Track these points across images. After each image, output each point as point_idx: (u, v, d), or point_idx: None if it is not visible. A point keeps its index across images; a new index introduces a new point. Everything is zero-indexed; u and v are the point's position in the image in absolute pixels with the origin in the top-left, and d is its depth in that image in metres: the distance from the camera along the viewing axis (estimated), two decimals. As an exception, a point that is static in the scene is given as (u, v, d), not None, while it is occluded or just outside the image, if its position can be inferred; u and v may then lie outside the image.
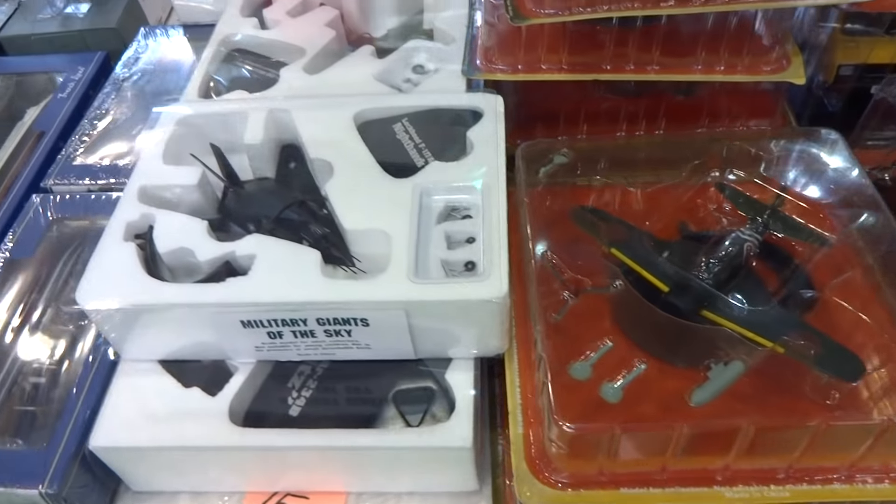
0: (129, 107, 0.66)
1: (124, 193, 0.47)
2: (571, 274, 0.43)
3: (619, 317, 0.42)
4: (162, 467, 0.44)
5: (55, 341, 0.51)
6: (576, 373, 0.38)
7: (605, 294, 0.43)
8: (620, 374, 0.38)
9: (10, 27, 0.76)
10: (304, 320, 0.41)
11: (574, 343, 0.40)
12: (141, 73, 0.69)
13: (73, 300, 0.52)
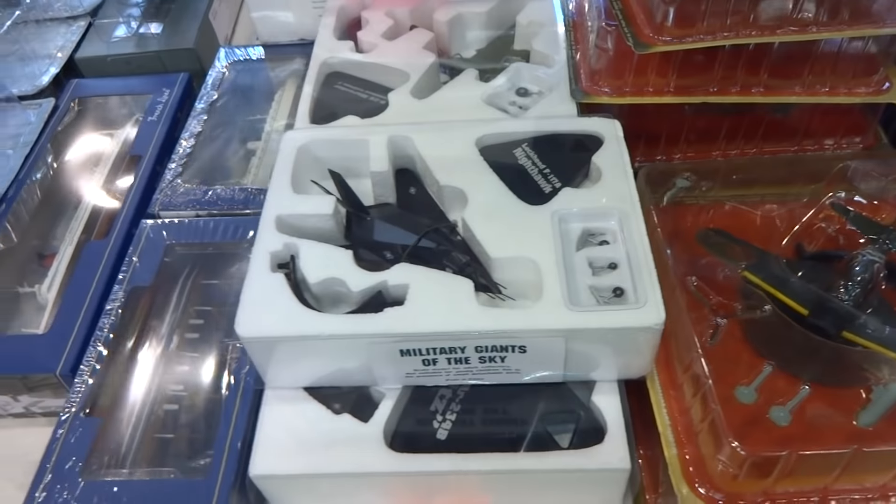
0: (221, 129, 0.67)
1: (262, 224, 0.47)
2: (718, 298, 0.44)
3: (757, 339, 0.44)
4: (313, 492, 0.45)
5: (185, 368, 0.52)
6: (742, 397, 0.40)
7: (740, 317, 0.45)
8: (785, 398, 0.40)
9: (85, 48, 0.76)
10: (463, 348, 0.42)
11: (730, 367, 0.41)
12: (226, 94, 0.70)
13: (195, 327, 0.54)
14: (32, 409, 0.53)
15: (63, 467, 0.44)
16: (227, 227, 0.57)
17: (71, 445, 0.45)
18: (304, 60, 0.72)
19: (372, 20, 0.64)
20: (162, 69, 0.75)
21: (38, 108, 0.69)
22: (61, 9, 0.80)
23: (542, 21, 0.63)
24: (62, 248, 0.59)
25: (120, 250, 0.56)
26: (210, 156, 0.66)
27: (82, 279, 0.54)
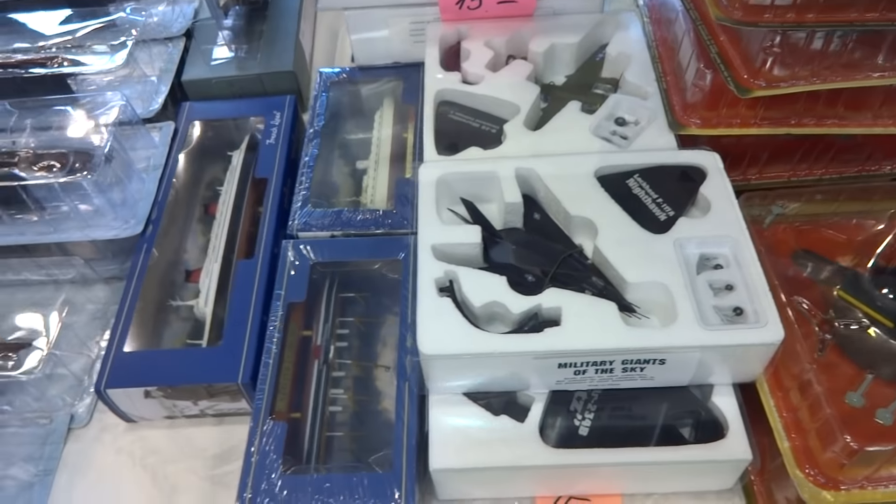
0: (331, 149, 0.74)
1: (420, 252, 0.54)
2: (820, 314, 0.52)
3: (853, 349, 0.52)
4: (478, 481, 0.53)
5: (341, 374, 0.60)
6: (852, 401, 0.48)
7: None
8: (887, 401, 0.48)
9: (189, 71, 0.81)
10: (611, 362, 0.49)
11: (831, 374, 0.50)
12: (330, 115, 0.76)
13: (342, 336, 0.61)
14: (206, 412, 0.60)
15: (264, 464, 0.51)
16: (361, 247, 0.63)
17: (267, 446, 0.52)
18: (398, 82, 0.79)
19: (473, 51, 0.71)
20: (261, 90, 0.81)
21: (159, 131, 0.75)
22: (157, 30, 0.84)
23: (631, 53, 0.69)
24: (207, 266, 0.66)
25: (268, 268, 0.63)
26: (327, 176, 0.73)
27: (240, 296, 0.61)
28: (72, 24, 0.82)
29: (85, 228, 0.67)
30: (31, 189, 0.64)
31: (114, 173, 0.66)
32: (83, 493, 0.58)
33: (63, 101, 0.72)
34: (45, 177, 0.64)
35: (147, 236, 0.66)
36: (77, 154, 0.65)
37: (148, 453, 0.60)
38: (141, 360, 0.59)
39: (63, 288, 0.70)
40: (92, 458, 0.60)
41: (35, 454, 0.59)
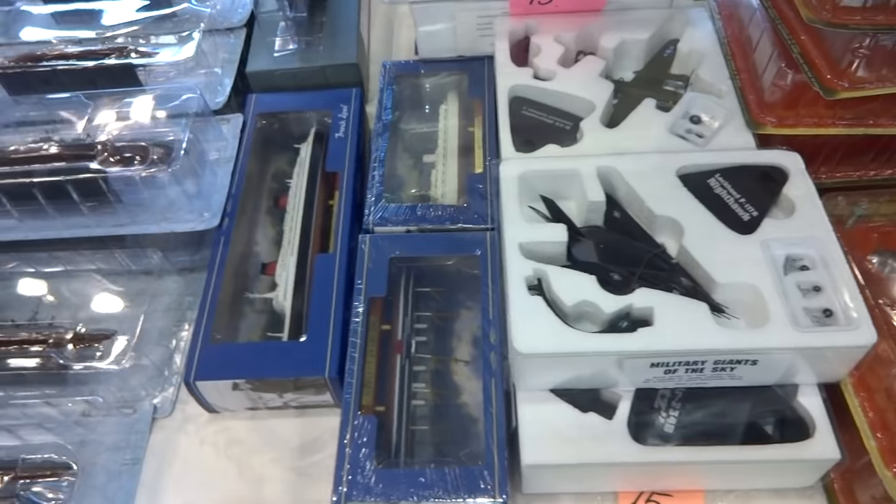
0: (398, 143, 0.74)
1: (508, 251, 0.55)
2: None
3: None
4: (568, 477, 0.54)
5: (422, 368, 0.61)
6: (944, 403, 0.49)
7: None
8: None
9: (253, 62, 0.81)
10: (703, 362, 0.50)
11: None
12: (396, 108, 0.76)
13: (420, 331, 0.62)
14: (289, 404, 0.61)
15: (357, 458, 0.52)
16: (437, 242, 0.64)
17: (358, 440, 0.53)
18: (462, 75, 0.79)
19: (544, 46, 0.71)
20: (323, 82, 0.81)
21: (228, 123, 0.75)
22: (219, 20, 0.85)
23: (703, 49, 0.69)
24: (283, 259, 0.67)
25: (347, 262, 0.64)
26: (393, 169, 0.73)
27: (321, 290, 0.62)
28: (138, 13, 0.82)
29: (161, 221, 0.67)
30: (111, 181, 0.65)
31: (190, 166, 0.67)
32: (171, 482, 0.59)
33: (137, 92, 0.73)
34: (126, 169, 0.65)
35: (224, 229, 0.67)
36: (156, 147, 0.66)
37: (232, 444, 0.61)
38: (227, 352, 0.60)
39: (138, 278, 0.71)
40: (177, 448, 0.61)
41: (121, 443, 0.61)
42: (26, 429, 0.62)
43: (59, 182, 0.64)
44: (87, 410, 0.63)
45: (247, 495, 0.58)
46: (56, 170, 0.64)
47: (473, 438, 0.58)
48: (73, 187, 0.65)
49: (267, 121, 0.77)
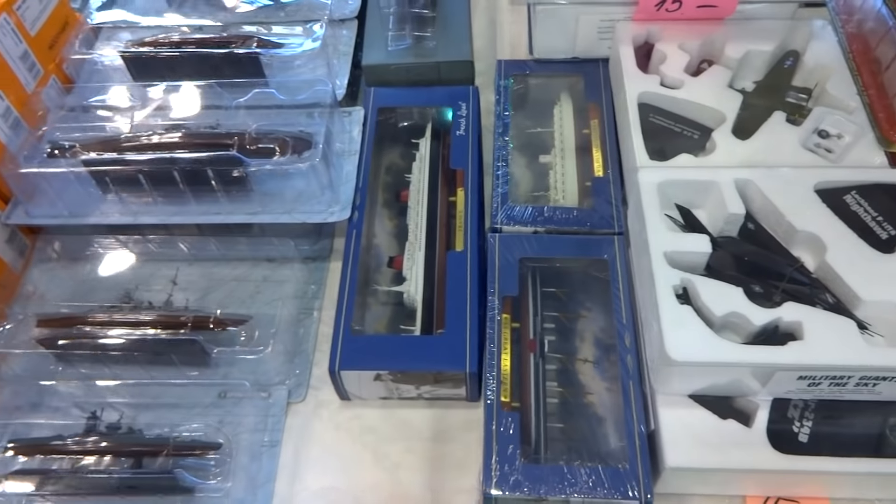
0: (516, 142, 0.75)
1: (654, 259, 0.57)
2: None
3: None
4: (704, 480, 0.56)
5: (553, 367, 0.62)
6: None
7: None
8: None
9: (369, 55, 0.82)
10: (849, 377, 0.52)
11: None
12: (513, 108, 0.77)
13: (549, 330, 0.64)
14: (423, 395, 0.63)
15: (504, 453, 0.54)
16: (565, 244, 0.66)
17: (504, 434, 0.55)
18: (576, 77, 0.80)
19: (670, 54, 0.72)
20: (436, 78, 0.82)
21: (349, 115, 0.77)
22: (332, 12, 0.86)
23: (830, 64, 0.70)
24: (410, 254, 0.69)
25: (478, 260, 0.65)
26: (516, 169, 0.74)
27: (454, 286, 0.64)
28: (260, 2, 0.84)
29: (292, 211, 0.69)
30: (250, 170, 0.67)
31: (323, 158, 0.69)
32: (309, 465, 0.62)
33: (263, 83, 0.75)
34: (268, 160, 0.67)
35: (355, 222, 0.69)
36: (295, 139, 0.68)
37: (365, 431, 0.63)
38: (368, 344, 0.62)
39: (260, 265, 0.73)
40: (312, 433, 0.63)
41: (259, 425, 0.63)
42: (164, 409, 0.64)
43: (201, 168, 0.66)
44: (224, 392, 0.65)
45: (383, 482, 0.60)
46: (199, 157, 0.66)
47: (602, 438, 0.60)
48: (215, 174, 0.67)
49: (384, 115, 0.79)
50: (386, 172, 0.79)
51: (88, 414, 0.63)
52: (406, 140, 0.80)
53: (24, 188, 0.70)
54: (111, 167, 0.67)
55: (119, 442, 0.60)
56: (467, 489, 0.60)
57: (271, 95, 0.73)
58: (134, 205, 0.70)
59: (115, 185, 0.68)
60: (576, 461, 0.56)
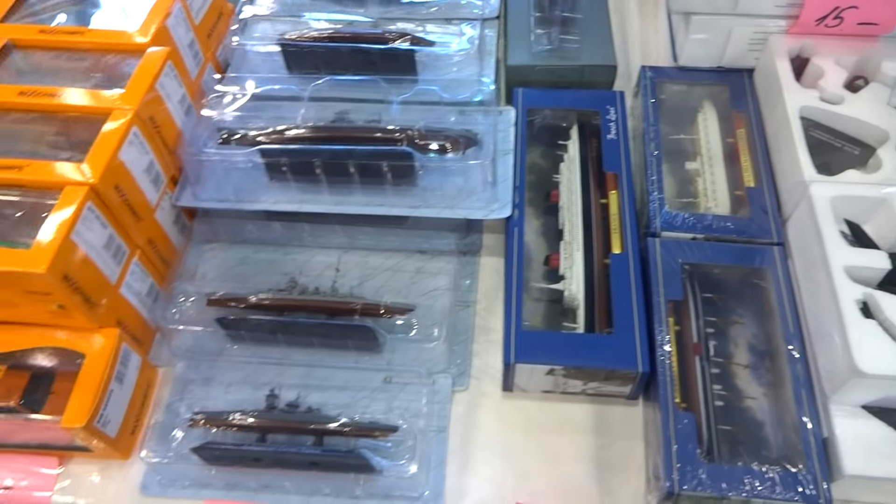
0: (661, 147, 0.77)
1: (835, 273, 0.59)
2: None
3: None
4: (869, 488, 0.58)
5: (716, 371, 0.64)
6: None
7: None
8: None
9: (514, 56, 0.84)
10: None
11: None
12: (660, 116, 0.79)
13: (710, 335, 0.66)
14: (587, 391, 0.66)
15: (684, 452, 0.57)
16: (723, 252, 0.67)
17: (682, 433, 0.57)
18: (720, 86, 0.81)
19: (827, 70, 0.73)
20: (578, 81, 0.84)
21: (499, 115, 0.79)
22: (468, 13, 0.88)
23: None
24: (567, 253, 0.71)
25: (639, 263, 0.67)
26: (665, 174, 0.76)
27: (620, 287, 0.66)
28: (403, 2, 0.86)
29: (454, 207, 0.72)
30: (418, 165, 0.69)
31: (485, 156, 0.71)
32: (477, 452, 0.64)
33: (419, 80, 0.77)
34: (440, 156, 0.69)
35: (516, 220, 0.71)
36: (463, 137, 0.70)
37: (529, 422, 0.66)
38: (540, 339, 0.65)
39: (412, 257, 0.76)
40: (477, 421, 0.66)
41: (425, 411, 0.66)
42: (332, 391, 0.67)
43: (377, 162, 0.68)
44: (390, 378, 0.68)
45: (548, 472, 0.63)
46: (376, 151, 0.68)
47: (764, 441, 0.62)
48: (389, 168, 0.69)
49: (531, 116, 0.81)
50: (529, 171, 0.81)
51: (267, 392, 0.66)
52: (545, 140, 0.82)
53: (198, 172, 0.73)
54: (289, 157, 0.69)
55: (301, 420, 0.63)
56: (633, 484, 0.62)
57: (431, 92, 0.76)
58: (300, 193, 0.73)
59: (290, 174, 0.71)
60: (750, 462, 0.58)
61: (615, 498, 0.61)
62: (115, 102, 0.65)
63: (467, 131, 0.72)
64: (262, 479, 0.63)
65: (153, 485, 0.64)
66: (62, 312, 0.60)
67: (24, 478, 0.64)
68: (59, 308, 0.59)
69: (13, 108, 0.66)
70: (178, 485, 0.63)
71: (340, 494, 0.62)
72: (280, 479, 0.63)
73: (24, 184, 0.61)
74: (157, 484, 0.64)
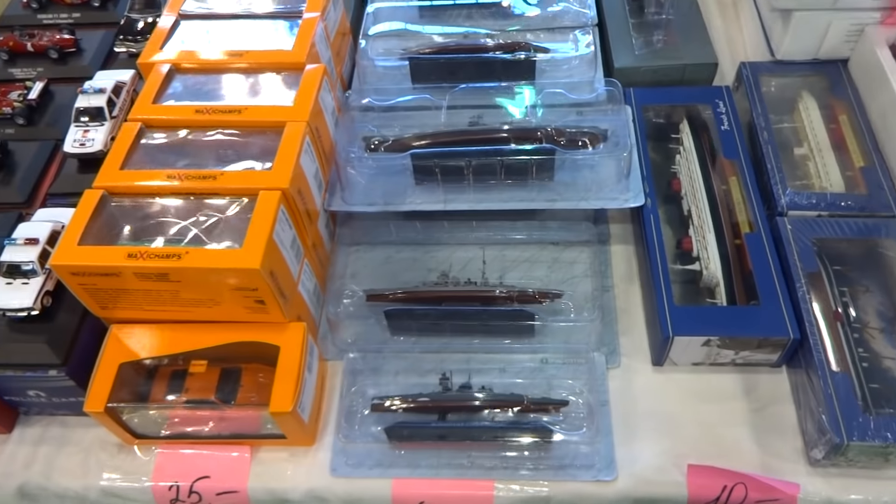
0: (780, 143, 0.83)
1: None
2: None
3: None
4: None
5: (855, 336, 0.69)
6: None
7: None
8: None
9: (619, 58, 0.90)
10: None
11: None
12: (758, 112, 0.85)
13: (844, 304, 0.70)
14: (735, 361, 0.71)
15: (846, 407, 0.62)
16: (847, 227, 0.73)
17: (840, 392, 0.62)
18: (816, 77, 0.87)
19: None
20: (679, 80, 0.90)
21: (616, 114, 0.85)
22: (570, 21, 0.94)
23: None
24: (698, 235, 0.76)
25: (773, 241, 0.73)
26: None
27: (759, 264, 0.71)
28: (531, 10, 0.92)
29: (588, 199, 0.77)
30: (557, 160, 0.75)
31: (616, 150, 0.76)
32: (637, 422, 0.69)
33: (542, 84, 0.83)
34: (580, 151, 0.75)
35: (650, 208, 0.77)
36: (600, 132, 0.76)
37: (682, 393, 0.71)
38: (693, 313, 0.70)
39: (546, 248, 0.81)
40: (633, 394, 0.71)
41: (584, 388, 0.70)
42: (494, 373, 0.72)
43: (523, 159, 0.74)
44: (546, 359, 0.73)
45: (709, 438, 0.68)
46: (522, 149, 0.74)
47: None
48: (533, 165, 0.74)
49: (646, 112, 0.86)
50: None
51: (439, 376, 0.71)
52: (653, 135, 0.87)
53: (346, 178, 0.78)
54: (441, 159, 0.75)
55: (479, 399, 0.68)
56: (791, 442, 0.67)
57: (556, 95, 0.82)
58: (444, 192, 0.78)
59: (439, 175, 0.76)
60: (902, 417, 0.63)
61: (778, 456, 0.66)
62: (289, 115, 0.71)
63: (594, 128, 0.77)
64: (442, 457, 0.68)
65: (342, 467, 0.68)
66: (259, 308, 0.65)
67: (221, 467, 0.69)
68: (258, 303, 0.65)
69: (195, 125, 0.71)
70: (365, 466, 0.68)
71: (519, 468, 0.67)
72: (460, 457, 0.68)
73: (220, 191, 0.66)
74: (345, 466, 0.68)
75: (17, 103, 0.83)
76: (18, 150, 0.80)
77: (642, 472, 0.66)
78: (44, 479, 0.70)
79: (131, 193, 0.67)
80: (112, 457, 0.71)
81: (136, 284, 0.63)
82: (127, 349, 0.67)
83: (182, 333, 0.68)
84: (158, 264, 0.61)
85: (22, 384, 0.68)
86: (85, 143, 0.76)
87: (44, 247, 0.67)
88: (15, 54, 0.91)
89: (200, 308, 0.66)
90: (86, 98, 0.78)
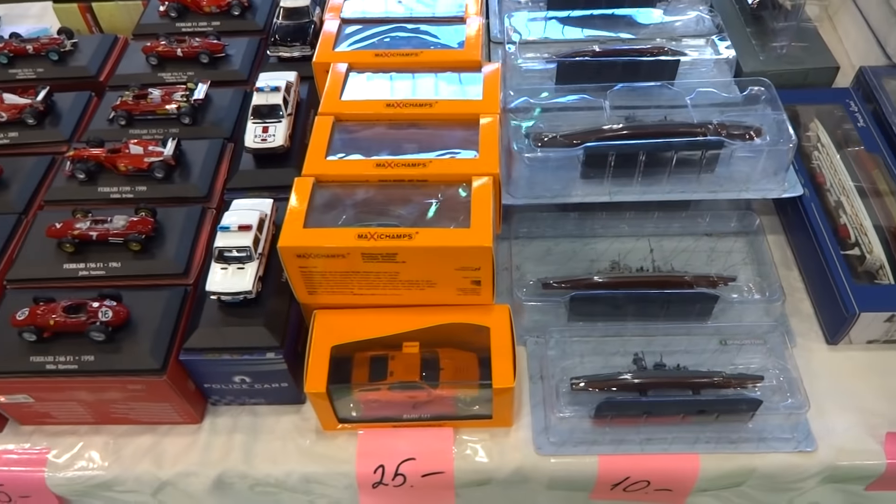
0: None
1: None
2: None
3: None
4: None
5: None
6: None
7: None
8: None
9: (746, 64, 0.95)
10: None
11: None
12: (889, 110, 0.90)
13: None
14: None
15: None
16: None
17: None
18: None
19: None
20: (800, 83, 0.96)
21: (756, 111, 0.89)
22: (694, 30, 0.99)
23: None
24: (855, 223, 0.80)
25: None
26: None
27: None
28: (666, 17, 0.97)
29: (749, 189, 0.81)
30: (722, 154, 0.79)
31: (773, 144, 0.81)
32: (823, 397, 0.71)
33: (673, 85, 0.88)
34: (746, 143, 0.79)
35: (809, 197, 0.81)
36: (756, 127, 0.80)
37: (862, 369, 0.74)
38: (870, 292, 0.74)
39: (701, 239, 0.85)
40: (814, 371, 0.74)
41: (770, 366, 0.73)
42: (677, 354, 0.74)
43: (692, 152, 0.78)
44: (725, 340, 0.76)
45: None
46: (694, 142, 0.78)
47: None
48: (701, 157, 0.78)
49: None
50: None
51: (632, 356, 0.73)
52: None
53: (511, 173, 0.81)
54: (615, 152, 0.78)
55: (678, 376, 0.71)
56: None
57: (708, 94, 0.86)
58: (610, 185, 0.81)
59: (611, 168, 0.79)
60: None
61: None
62: (481, 108, 0.74)
63: (750, 124, 0.82)
64: (644, 433, 0.70)
65: (546, 445, 0.70)
66: (472, 289, 0.67)
67: (425, 448, 0.70)
68: (474, 284, 0.67)
69: (387, 118, 0.74)
70: (569, 444, 0.70)
71: (720, 441, 0.69)
72: (662, 432, 0.70)
73: (430, 178, 0.69)
74: (549, 444, 0.70)
75: (183, 104, 0.84)
76: (189, 148, 0.82)
77: (841, 443, 0.69)
78: (245, 466, 0.70)
79: (341, 181, 0.69)
80: (312, 443, 0.71)
81: (359, 266, 0.65)
82: (335, 333, 0.68)
83: (386, 317, 0.69)
84: (390, 244, 0.63)
85: (233, 368, 0.68)
86: (266, 139, 0.78)
87: (255, 233, 0.69)
88: (164, 59, 0.93)
89: (412, 290, 0.68)
90: (263, 96, 0.80)
